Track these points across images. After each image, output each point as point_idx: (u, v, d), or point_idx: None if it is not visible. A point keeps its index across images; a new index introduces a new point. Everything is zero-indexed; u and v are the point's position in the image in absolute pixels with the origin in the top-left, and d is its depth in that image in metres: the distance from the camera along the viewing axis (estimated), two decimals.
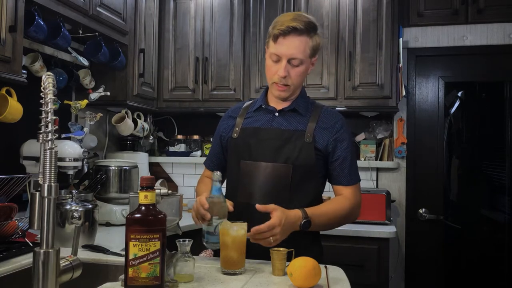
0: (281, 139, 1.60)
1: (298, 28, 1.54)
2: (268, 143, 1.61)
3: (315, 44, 1.60)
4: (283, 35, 1.55)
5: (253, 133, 1.65)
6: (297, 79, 1.60)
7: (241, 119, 1.70)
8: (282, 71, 1.56)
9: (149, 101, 3.11)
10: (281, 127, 1.63)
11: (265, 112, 1.68)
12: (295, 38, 1.55)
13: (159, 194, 1.25)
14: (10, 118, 1.99)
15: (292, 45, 1.55)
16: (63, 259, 1.10)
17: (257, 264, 1.47)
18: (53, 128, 1.05)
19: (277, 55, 1.57)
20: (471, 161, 3.24)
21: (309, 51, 1.58)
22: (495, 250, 3.09)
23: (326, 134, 1.62)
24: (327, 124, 1.63)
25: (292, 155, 1.58)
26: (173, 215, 1.31)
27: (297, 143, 1.59)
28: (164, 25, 3.23)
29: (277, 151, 1.59)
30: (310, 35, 1.57)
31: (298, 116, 1.65)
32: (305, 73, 1.62)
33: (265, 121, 1.66)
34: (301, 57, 1.56)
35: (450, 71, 3.20)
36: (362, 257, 2.63)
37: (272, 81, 1.61)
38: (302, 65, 1.58)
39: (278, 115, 1.66)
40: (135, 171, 2.77)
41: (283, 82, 1.58)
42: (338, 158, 1.62)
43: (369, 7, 2.96)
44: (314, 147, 1.59)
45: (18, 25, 1.85)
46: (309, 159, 1.58)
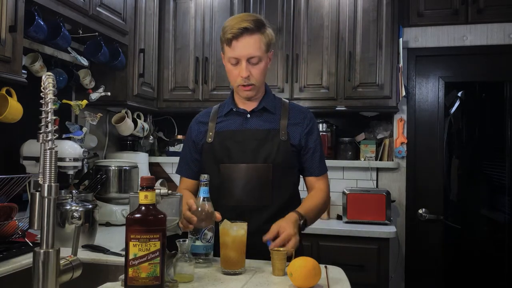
0: (257, 139, 1.65)
1: (249, 28, 1.59)
2: (245, 144, 1.65)
3: (268, 40, 1.66)
4: (236, 37, 1.60)
5: (229, 136, 1.68)
6: (259, 77, 1.65)
7: (213, 123, 1.73)
8: (244, 71, 1.61)
9: (149, 101, 3.11)
10: (256, 127, 1.68)
11: (236, 115, 1.72)
12: (248, 37, 1.60)
13: (159, 194, 1.25)
14: (10, 118, 1.99)
15: (247, 45, 1.60)
16: (63, 259, 1.10)
17: (257, 264, 1.47)
18: (53, 128, 1.05)
19: (235, 58, 1.62)
20: (471, 161, 3.24)
21: (264, 47, 1.64)
22: (495, 250, 3.09)
23: (298, 130, 1.69)
24: (297, 120, 1.71)
25: (271, 154, 1.63)
26: (173, 215, 1.31)
27: (274, 142, 1.65)
28: (164, 25, 3.23)
29: (255, 151, 1.63)
30: (261, 31, 1.63)
31: (269, 114, 1.71)
32: (265, 69, 1.67)
33: (239, 124, 1.70)
34: (259, 54, 1.61)
35: (450, 71, 3.20)
36: (362, 257, 2.63)
37: (237, 84, 1.65)
38: (261, 62, 1.63)
39: (250, 116, 1.70)
40: (135, 171, 2.77)
41: (247, 82, 1.63)
42: (309, 151, 1.70)
43: (369, 7, 2.96)
44: (289, 143, 1.66)
45: (18, 25, 1.85)
46: (287, 156, 1.65)
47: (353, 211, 2.88)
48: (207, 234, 1.44)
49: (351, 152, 3.21)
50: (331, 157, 3.18)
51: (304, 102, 3.01)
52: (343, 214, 2.91)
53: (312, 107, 3.00)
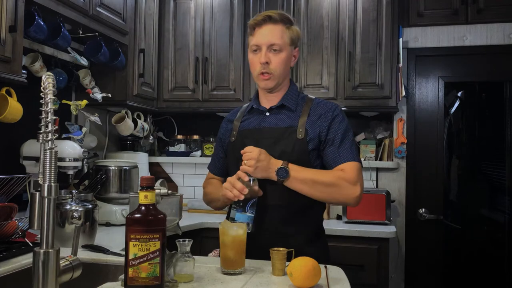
0: (273, 137, 1.63)
1: (273, 17, 1.61)
2: (261, 142, 1.63)
3: (293, 34, 1.65)
4: (259, 25, 1.62)
5: (248, 134, 1.68)
6: (279, 66, 1.62)
7: (238, 122, 1.74)
8: (263, 57, 1.60)
9: (149, 101, 3.11)
10: (273, 126, 1.66)
11: (256, 113, 1.72)
12: (271, 26, 1.61)
13: (159, 194, 1.25)
14: (10, 118, 1.99)
15: (269, 33, 1.61)
16: (63, 259, 1.10)
17: (257, 264, 1.47)
18: (53, 128, 1.05)
19: (256, 45, 1.62)
20: (471, 161, 3.24)
21: (288, 40, 1.63)
22: (495, 250, 3.09)
23: (317, 126, 1.62)
24: (319, 115, 1.64)
25: (286, 153, 1.60)
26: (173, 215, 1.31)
27: (290, 140, 1.61)
28: (164, 25, 3.23)
29: (270, 149, 1.60)
30: (285, 25, 1.63)
31: (288, 112, 1.67)
32: (286, 61, 1.64)
33: (257, 122, 1.70)
34: (280, 43, 1.61)
35: (450, 71, 3.20)
36: (362, 257, 2.63)
37: (256, 73, 1.64)
38: (282, 52, 1.62)
39: (269, 114, 1.69)
40: (135, 171, 2.77)
41: (266, 70, 1.61)
42: (327, 142, 1.60)
43: (369, 7, 2.96)
44: (306, 142, 1.60)
45: (18, 25, 1.85)
46: (302, 155, 1.59)
47: (353, 211, 2.88)
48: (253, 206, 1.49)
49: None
50: None
51: None
52: (343, 214, 2.91)
53: None
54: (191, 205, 3.27)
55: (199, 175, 3.42)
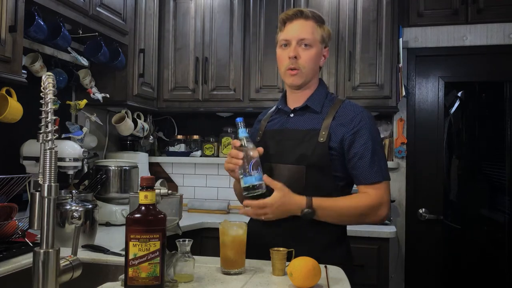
0: (294, 139, 1.58)
1: (305, 13, 1.58)
2: (282, 144, 1.60)
3: (325, 33, 1.62)
4: (290, 19, 1.59)
5: (271, 135, 1.65)
6: (308, 62, 1.58)
7: (265, 122, 1.73)
8: (292, 51, 1.56)
9: (149, 101, 3.11)
10: (295, 127, 1.61)
11: (282, 113, 1.69)
12: (302, 21, 1.58)
13: (159, 194, 1.25)
14: (10, 118, 1.99)
15: (300, 27, 1.58)
16: (63, 259, 1.10)
17: (257, 264, 1.47)
18: (53, 128, 1.05)
19: (285, 39, 1.59)
20: (471, 161, 3.24)
21: (319, 37, 1.60)
22: (495, 250, 3.09)
23: (342, 131, 1.54)
24: (345, 120, 1.55)
25: (306, 155, 1.53)
26: (173, 215, 1.31)
27: (311, 143, 1.54)
28: (164, 25, 3.23)
29: (290, 151, 1.57)
30: (317, 23, 1.60)
31: (312, 114, 1.60)
32: (316, 58, 1.60)
33: (281, 123, 1.67)
34: (310, 38, 1.57)
35: (450, 71, 3.20)
36: (362, 257, 2.63)
37: (284, 68, 1.60)
38: (312, 48, 1.58)
39: (293, 115, 1.64)
40: (135, 171, 2.77)
41: (294, 65, 1.57)
42: (355, 155, 1.52)
43: (369, 7, 2.96)
44: (328, 146, 1.52)
45: (18, 25, 1.85)
46: (323, 159, 1.52)
47: None
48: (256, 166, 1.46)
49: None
50: None
51: None
52: None
53: None
54: (191, 205, 3.27)
55: (199, 175, 3.42)
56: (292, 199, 1.45)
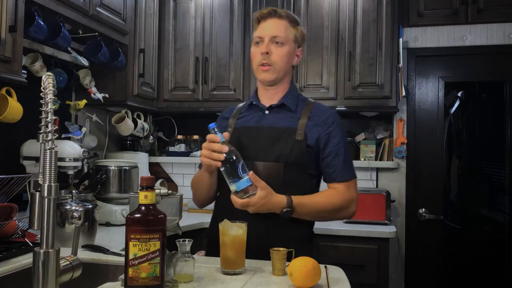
0: (272, 137, 1.60)
1: (279, 13, 1.62)
2: (259, 141, 1.60)
3: (298, 34, 1.64)
4: (264, 18, 1.63)
5: (245, 132, 1.65)
6: (280, 59, 1.61)
7: (234, 119, 1.71)
8: (264, 47, 1.60)
9: (149, 101, 3.11)
10: (272, 125, 1.63)
11: (255, 110, 1.69)
12: (276, 20, 1.62)
13: (159, 194, 1.25)
14: (10, 118, 1.99)
15: (273, 26, 1.61)
16: (63, 259, 1.10)
17: (257, 264, 1.47)
18: (53, 128, 1.05)
19: (259, 37, 1.62)
20: (471, 161, 3.24)
21: (291, 36, 1.63)
22: (495, 250, 3.09)
23: (317, 131, 1.60)
24: (319, 120, 1.62)
25: (284, 153, 1.57)
26: (173, 215, 1.31)
27: (288, 141, 1.58)
28: (164, 25, 3.23)
29: (268, 149, 1.58)
30: (291, 23, 1.63)
31: (288, 112, 1.65)
32: (288, 56, 1.63)
33: (256, 120, 1.67)
34: (283, 36, 1.61)
35: (450, 71, 3.20)
36: (362, 257, 2.63)
37: (256, 64, 1.63)
38: (284, 46, 1.61)
39: (268, 112, 1.66)
40: (135, 171, 2.77)
41: (266, 61, 1.60)
42: (329, 154, 1.60)
43: (369, 7, 2.96)
44: (305, 144, 1.58)
45: (18, 25, 1.85)
46: (301, 157, 1.57)
47: None
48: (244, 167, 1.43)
49: (351, 152, 3.21)
50: None
51: None
52: None
53: None
54: (191, 205, 3.27)
55: None
56: (274, 198, 1.48)
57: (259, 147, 1.59)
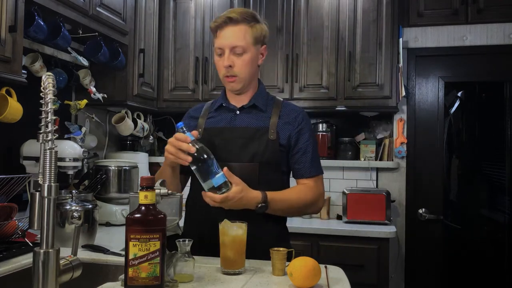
0: (245, 137, 1.61)
1: (234, 18, 1.58)
2: (232, 142, 1.61)
3: (257, 33, 1.62)
4: (220, 27, 1.59)
5: (217, 133, 1.64)
6: (244, 68, 1.60)
7: (203, 119, 1.70)
8: (226, 60, 1.58)
9: (149, 101, 3.11)
10: (244, 125, 1.64)
11: (226, 111, 1.69)
12: (232, 27, 1.58)
13: (159, 194, 1.25)
14: (10, 118, 1.99)
15: (230, 35, 1.58)
16: (63, 259, 1.10)
17: (257, 264, 1.47)
18: (53, 128, 1.05)
19: (219, 48, 1.60)
20: (471, 161, 3.24)
21: (251, 39, 1.60)
22: (495, 250, 3.09)
23: (288, 129, 1.63)
24: (289, 119, 1.65)
25: (258, 153, 1.59)
26: (173, 215, 1.31)
27: (262, 140, 1.60)
28: (164, 25, 3.23)
29: (242, 150, 1.59)
30: (249, 24, 1.60)
31: (259, 112, 1.66)
32: (252, 62, 1.61)
33: (227, 121, 1.66)
34: (242, 44, 1.58)
35: (450, 71, 3.20)
36: (362, 257, 2.63)
37: (221, 75, 1.63)
38: (246, 53, 1.59)
39: (239, 113, 1.67)
40: (135, 171, 2.77)
41: (230, 73, 1.60)
42: (299, 151, 1.64)
43: (369, 7, 2.96)
44: (278, 143, 1.60)
45: (18, 25, 1.85)
46: (274, 155, 1.60)
47: (353, 211, 2.88)
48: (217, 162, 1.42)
49: (351, 152, 3.21)
50: (331, 157, 3.18)
51: (304, 102, 3.01)
52: (343, 214, 2.91)
53: (312, 107, 3.00)
54: None
55: None
56: (249, 193, 1.48)
57: (233, 148, 1.60)
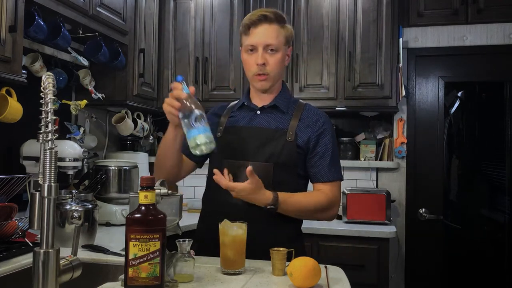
0: (263, 137, 1.61)
1: (268, 17, 1.59)
2: (250, 141, 1.61)
3: (287, 33, 1.64)
4: (254, 25, 1.59)
5: (236, 131, 1.65)
6: (276, 67, 1.61)
7: (225, 118, 1.71)
8: (260, 58, 1.58)
9: (149, 101, 3.11)
10: (263, 126, 1.64)
11: (247, 110, 1.69)
12: (266, 26, 1.59)
13: (159, 194, 1.25)
14: (10, 118, 1.99)
15: (265, 33, 1.59)
16: (63, 259, 1.10)
17: (257, 264, 1.47)
18: (53, 128, 1.05)
19: (252, 45, 1.60)
20: (471, 161, 3.24)
21: (283, 39, 1.62)
22: (495, 250, 3.09)
23: (308, 132, 1.62)
24: (310, 122, 1.64)
25: (274, 154, 1.59)
26: (173, 215, 1.31)
27: (279, 142, 1.60)
28: (164, 25, 3.23)
29: (258, 149, 1.59)
30: (280, 24, 1.62)
31: (279, 113, 1.66)
32: (282, 62, 1.63)
33: (247, 120, 1.67)
34: (276, 43, 1.59)
35: (450, 71, 3.20)
36: (362, 257, 2.63)
37: (252, 74, 1.62)
38: (278, 52, 1.60)
39: (260, 113, 1.67)
40: (135, 171, 2.77)
41: (262, 71, 1.59)
42: (317, 154, 1.62)
43: (369, 7, 2.96)
44: (296, 145, 1.60)
45: (18, 25, 1.85)
46: (291, 157, 1.59)
47: (353, 211, 2.88)
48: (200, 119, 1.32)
49: (351, 152, 3.21)
50: None
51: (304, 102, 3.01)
52: (343, 214, 2.91)
53: None
54: (191, 205, 3.28)
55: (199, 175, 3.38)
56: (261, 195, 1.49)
57: (250, 147, 1.61)
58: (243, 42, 1.64)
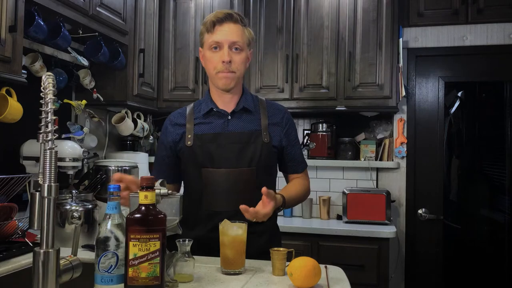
0: (241, 142, 1.61)
1: (233, 16, 1.60)
2: (228, 148, 1.60)
3: (250, 36, 1.66)
4: (219, 22, 1.59)
5: (211, 139, 1.62)
6: (241, 66, 1.62)
7: (190, 125, 1.66)
8: (226, 55, 1.57)
9: (149, 101, 3.11)
10: (238, 130, 1.63)
11: (216, 116, 1.66)
12: (232, 24, 1.60)
13: (159, 194, 1.25)
14: (10, 118, 1.99)
15: (231, 31, 1.59)
16: (63, 259, 1.10)
17: (257, 264, 1.47)
18: (53, 128, 1.05)
19: (217, 41, 1.59)
20: (471, 161, 3.24)
21: (246, 40, 1.63)
22: (495, 250, 3.09)
23: (278, 130, 1.67)
24: (277, 119, 1.69)
25: (255, 157, 1.60)
26: (173, 215, 1.31)
27: (257, 144, 1.61)
28: (164, 25, 3.23)
29: (239, 155, 1.59)
30: (243, 26, 1.63)
31: (249, 115, 1.66)
32: (246, 61, 1.65)
33: (220, 126, 1.64)
34: (241, 42, 1.60)
35: (450, 71, 3.20)
36: (362, 257, 2.63)
37: (216, 71, 1.60)
38: (243, 51, 1.62)
39: (231, 118, 1.65)
40: (135, 171, 2.76)
41: (228, 69, 1.58)
42: (290, 149, 1.71)
43: (369, 7, 2.96)
44: (272, 145, 1.64)
45: (18, 25, 1.85)
46: (270, 158, 1.64)
47: (353, 211, 2.88)
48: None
49: (351, 152, 3.21)
50: (331, 157, 3.18)
51: (304, 102, 3.01)
52: (343, 214, 2.91)
53: (312, 107, 3.01)
54: None
55: None
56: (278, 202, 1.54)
57: (230, 154, 1.60)
58: (206, 40, 1.62)
